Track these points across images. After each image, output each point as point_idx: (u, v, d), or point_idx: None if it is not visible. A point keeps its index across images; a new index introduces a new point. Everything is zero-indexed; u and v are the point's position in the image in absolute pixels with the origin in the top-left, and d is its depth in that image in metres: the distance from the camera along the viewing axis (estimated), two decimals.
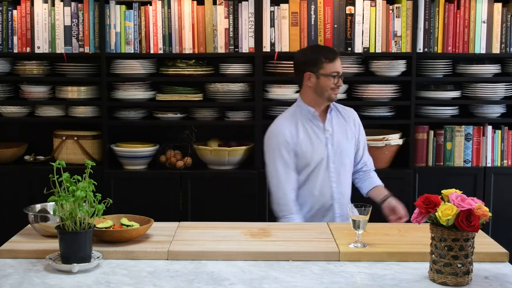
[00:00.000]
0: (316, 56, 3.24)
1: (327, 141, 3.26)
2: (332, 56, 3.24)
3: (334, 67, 3.23)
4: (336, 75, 3.23)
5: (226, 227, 2.81)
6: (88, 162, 2.39)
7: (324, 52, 3.27)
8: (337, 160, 3.26)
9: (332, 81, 3.22)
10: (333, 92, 3.25)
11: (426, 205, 2.18)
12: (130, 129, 4.42)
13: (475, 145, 4.23)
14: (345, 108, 3.42)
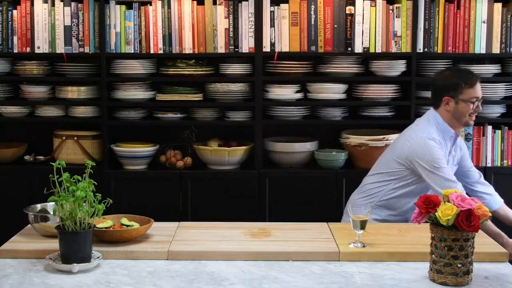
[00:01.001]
0: (456, 80, 3.21)
1: (448, 163, 3.24)
2: (473, 82, 3.21)
3: (474, 92, 3.20)
4: (475, 100, 3.20)
5: (226, 227, 2.81)
6: (88, 162, 2.39)
7: (464, 77, 3.23)
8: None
9: (471, 106, 3.20)
10: (470, 119, 3.23)
11: (426, 205, 2.18)
12: (130, 129, 4.42)
13: (475, 145, 4.23)
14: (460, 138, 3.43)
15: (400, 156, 3.25)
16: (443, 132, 3.24)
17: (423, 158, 3.16)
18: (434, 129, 3.23)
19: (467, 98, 3.19)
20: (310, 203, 4.12)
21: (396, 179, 3.27)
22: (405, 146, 3.25)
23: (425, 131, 3.23)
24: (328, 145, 4.32)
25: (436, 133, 3.22)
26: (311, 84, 4.22)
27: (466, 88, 3.19)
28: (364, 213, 2.52)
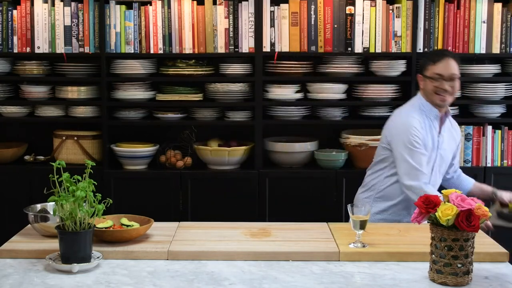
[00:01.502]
0: (425, 58, 3.28)
1: (439, 145, 3.24)
2: (437, 58, 3.22)
3: (437, 69, 3.20)
4: (438, 77, 3.19)
5: (226, 227, 2.81)
6: (88, 162, 2.39)
7: (432, 54, 3.29)
8: (439, 165, 3.26)
9: (434, 83, 3.19)
10: (438, 98, 3.21)
11: (426, 205, 2.18)
12: (130, 129, 4.42)
13: (475, 145, 4.23)
14: (454, 121, 3.44)
15: (385, 140, 3.31)
16: (428, 112, 3.24)
17: (398, 137, 3.20)
18: (416, 110, 3.26)
19: (429, 75, 3.21)
20: (310, 203, 4.12)
21: (386, 166, 3.29)
22: (387, 130, 3.31)
23: (406, 111, 3.28)
24: (328, 145, 4.32)
25: (418, 114, 3.23)
26: (311, 84, 4.23)
27: (430, 65, 3.22)
28: (364, 213, 2.52)
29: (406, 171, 3.16)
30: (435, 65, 3.20)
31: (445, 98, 3.21)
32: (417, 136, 3.17)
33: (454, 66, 3.21)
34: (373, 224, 2.90)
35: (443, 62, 3.20)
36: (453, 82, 3.21)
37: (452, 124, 3.39)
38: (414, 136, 3.17)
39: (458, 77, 3.22)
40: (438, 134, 3.25)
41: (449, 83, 3.19)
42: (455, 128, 3.42)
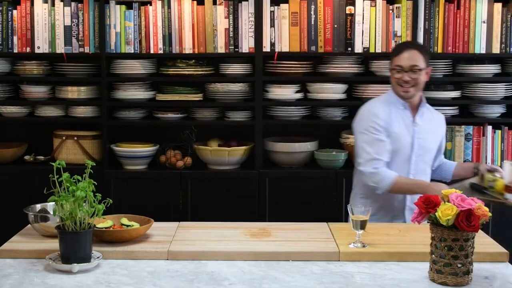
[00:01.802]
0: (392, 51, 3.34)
1: (414, 133, 3.24)
2: (397, 50, 3.25)
3: (397, 60, 3.21)
4: (399, 69, 3.20)
5: (226, 227, 2.82)
6: (88, 162, 2.39)
7: (396, 46, 3.34)
8: (419, 155, 3.25)
9: (395, 75, 3.21)
10: (401, 89, 3.22)
11: (426, 205, 2.18)
12: (130, 129, 4.42)
13: (475, 145, 4.23)
14: (438, 113, 3.44)
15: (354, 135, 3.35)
16: (395, 102, 3.26)
17: (358, 126, 3.27)
18: (381, 101, 3.30)
19: (392, 67, 3.23)
20: (310, 203, 4.12)
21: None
22: (353, 124, 3.35)
23: (370, 103, 3.33)
24: (328, 145, 4.32)
25: (384, 104, 3.27)
26: (311, 84, 4.23)
27: (393, 57, 3.25)
28: (364, 213, 2.52)
29: (361, 156, 3.21)
30: (397, 57, 3.22)
31: (407, 89, 3.21)
32: (375, 122, 3.20)
33: (415, 58, 3.20)
34: (373, 224, 2.90)
35: (404, 54, 3.20)
36: (415, 74, 3.19)
37: (434, 115, 3.38)
38: (372, 122, 3.20)
39: (420, 68, 3.19)
40: (412, 123, 3.25)
41: (410, 74, 3.19)
42: (438, 120, 3.40)
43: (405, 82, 3.19)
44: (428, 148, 3.29)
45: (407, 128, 3.24)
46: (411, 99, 3.25)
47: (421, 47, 3.33)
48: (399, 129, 3.22)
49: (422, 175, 3.26)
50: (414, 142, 3.23)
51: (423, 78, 3.23)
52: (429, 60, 3.32)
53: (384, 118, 3.21)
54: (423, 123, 3.28)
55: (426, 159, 3.29)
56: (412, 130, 3.24)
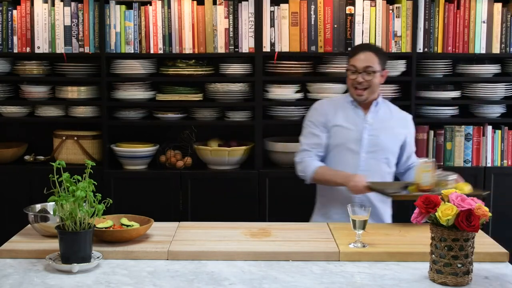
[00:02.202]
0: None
1: (365, 130, 3.24)
2: (353, 52, 3.27)
3: (352, 61, 3.23)
4: (353, 70, 3.21)
5: (226, 227, 2.82)
6: (88, 162, 2.39)
7: (353, 47, 3.37)
8: (370, 152, 3.24)
9: (349, 76, 3.22)
10: (354, 92, 3.23)
11: (426, 205, 2.18)
12: (130, 129, 4.42)
13: (475, 145, 4.23)
14: (402, 113, 3.41)
15: None
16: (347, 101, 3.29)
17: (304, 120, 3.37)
18: (333, 99, 3.41)
19: (347, 68, 3.25)
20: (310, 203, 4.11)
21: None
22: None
23: (321, 100, 3.44)
24: None
25: (331, 101, 3.36)
26: (311, 84, 4.22)
27: (349, 58, 3.27)
28: (364, 213, 2.52)
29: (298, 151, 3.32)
30: (352, 58, 3.24)
31: (361, 93, 3.21)
32: (314, 117, 3.30)
33: (370, 59, 3.20)
34: (373, 224, 2.91)
35: (359, 55, 3.21)
36: (369, 76, 3.19)
37: (395, 115, 3.35)
38: (311, 117, 3.31)
39: (374, 70, 3.19)
40: (363, 120, 3.25)
41: (364, 75, 3.18)
42: (399, 120, 3.35)
43: (359, 83, 3.19)
44: (382, 146, 3.25)
45: (356, 124, 3.24)
46: (365, 101, 3.25)
47: (377, 49, 3.30)
48: (345, 124, 3.24)
49: (376, 172, 3.23)
50: (363, 138, 3.23)
51: (377, 80, 3.21)
52: (386, 62, 3.31)
53: (324, 114, 3.28)
54: (377, 121, 3.26)
55: (379, 157, 3.25)
56: (362, 127, 3.24)
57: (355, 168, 3.21)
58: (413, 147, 3.40)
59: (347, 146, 3.22)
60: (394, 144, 3.30)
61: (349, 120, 3.26)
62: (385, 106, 3.34)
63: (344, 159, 3.23)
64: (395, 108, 3.40)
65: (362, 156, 3.23)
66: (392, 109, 3.38)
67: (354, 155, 3.23)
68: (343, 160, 3.24)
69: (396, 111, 3.39)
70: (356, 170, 3.21)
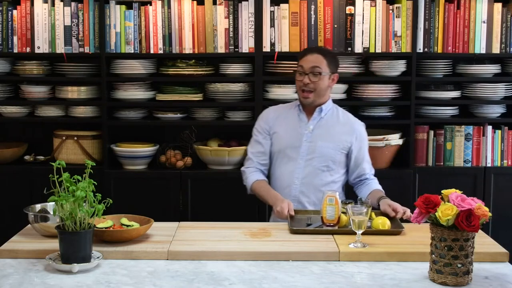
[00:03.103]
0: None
1: (305, 137, 3.22)
2: (302, 52, 3.26)
3: (300, 61, 3.21)
4: (300, 70, 3.19)
5: (226, 227, 2.82)
6: (88, 162, 2.39)
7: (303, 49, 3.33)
8: (309, 159, 3.20)
9: (297, 78, 3.21)
10: (301, 94, 3.21)
11: (426, 205, 2.18)
12: (130, 129, 4.42)
13: (475, 145, 4.23)
14: (350, 119, 3.33)
15: None
16: (294, 106, 3.30)
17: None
18: (282, 105, 3.41)
19: (296, 70, 3.24)
20: None
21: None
22: None
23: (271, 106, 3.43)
24: None
25: (279, 107, 3.37)
26: None
27: (298, 60, 3.25)
28: (364, 213, 2.52)
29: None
30: (300, 59, 3.23)
31: (307, 95, 3.19)
32: (259, 124, 3.34)
33: (318, 61, 3.18)
34: None
35: (307, 56, 3.20)
36: (315, 77, 3.17)
37: (342, 121, 3.29)
38: (257, 124, 3.36)
39: (321, 72, 3.16)
40: (305, 126, 3.23)
41: (310, 76, 3.16)
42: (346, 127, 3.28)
43: (305, 85, 3.17)
44: (320, 154, 3.21)
45: (297, 131, 3.23)
46: (312, 105, 3.23)
47: (327, 52, 3.27)
48: (285, 130, 3.23)
49: (314, 181, 3.20)
50: (302, 145, 3.21)
51: (324, 83, 3.19)
52: (337, 67, 3.29)
53: (268, 120, 3.29)
54: (318, 127, 3.23)
55: (318, 165, 3.21)
56: (302, 133, 3.23)
57: (292, 176, 3.20)
58: (364, 156, 3.29)
59: (286, 153, 3.20)
60: (335, 151, 3.23)
61: (290, 126, 3.24)
62: (333, 112, 3.29)
63: (283, 166, 3.23)
64: (343, 114, 3.33)
65: (299, 163, 3.21)
66: (340, 115, 3.31)
67: (293, 162, 3.21)
68: (283, 167, 3.23)
69: (344, 118, 3.31)
70: (292, 177, 3.20)
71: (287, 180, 3.24)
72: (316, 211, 2.96)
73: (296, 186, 3.23)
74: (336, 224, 2.71)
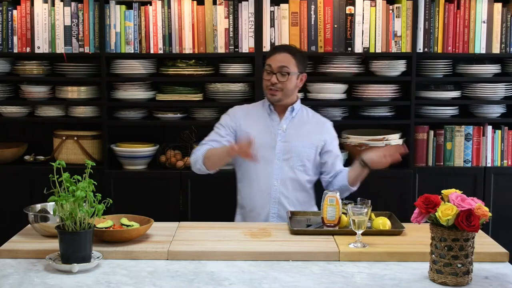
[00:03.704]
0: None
1: (279, 136, 3.21)
2: (270, 51, 3.24)
3: (268, 60, 3.19)
4: (268, 69, 3.17)
5: (226, 227, 2.82)
6: (88, 162, 2.39)
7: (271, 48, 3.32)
8: (285, 159, 3.19)
9: (265, 77, 3.20)
10: (268, 92, 3.20)
11: (426, 205, 2.18)
12: (130, 129, 4.42)
13: (475, 145, 4.23)
14: (320, 119, 3.34)
15: None
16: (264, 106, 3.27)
17: None
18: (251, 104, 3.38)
19: (264, 69, 3.22)
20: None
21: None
22: None
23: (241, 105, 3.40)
24: None
25: (248, 106, 3.34)
26: (311, 84, 4.22)
27: (266, 58, 3.23)
28: (364, 213, 2.51)
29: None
30: (268, 58, 3.21)
31: (274, 92, 3.18)
32: (223, 119, 3.30)
33: (286, 60, 3.16)
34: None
35: (275, 55, 3.18)
36: (283, 77, 3.16)
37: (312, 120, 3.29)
38: (221, 119, 3.31)
39: (289, 72, 3.15)
40: (277, 126, 3.22)
41: (278, 76, 3.15)
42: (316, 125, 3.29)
43: (273, 84, 3.16)
44: (296, 153, 3.20)
45: (270, 131, 3.21)
46: (279, 103, 3.21)
47: (295, 51, 3.24)
48: (258, 131, 3.19)
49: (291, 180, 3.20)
50: (277, 145, 3.20)
51: (292, 83, 3.18)
52: (306, 66, 3.28)
53: (235, 117, 3.26)
54: (291, 128, 3.23)
55: (295, 164, 3.21)
56: (276, 133, 3.21)
57: (271, 177, 3.18)
58: (336, 152, 3.29)
59: (261, 153, 3.12)
60: (310, 150, 3.23)
61: (262, 127, 3.22)
62: (302, 112, 3.29)
63: (259, 168, 3.18)
64: (313, 114, 3.34)
65: (276, 164, 3.19)
66: (310, 114, 3.31)
67: (268, 163, 3.19)
68: (259, 169, 3.19)
69: (314, 116, 3.32)
70: (270, 178, 3.18)
71: (266, 182, 3.21)
72: (315, 212, 2.96)
73: (276, 188, 3.21)
74: (336, 224, 2.71)
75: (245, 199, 3.29)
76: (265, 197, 3.19)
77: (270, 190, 3.21)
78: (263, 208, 3.22)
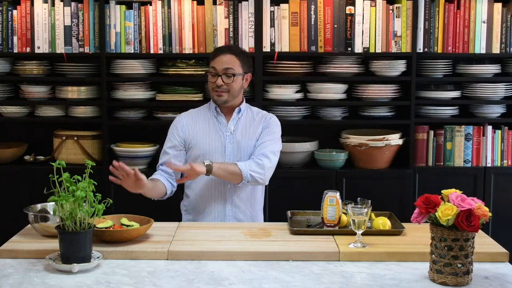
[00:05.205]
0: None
1: (227, 138, 3.18)
2: (213, 53, 3.20)
3: (213, 63, 3.16)
4: (213, 71, 3.16)
5: (226, 227, 2.82)
6: (88, 162, 2.39)
7: (215, 49, 3.26)
8: (236, 160, 3.15)
9: (210, 80, 3.18)
10: (214, 93, 3.18)
11: (426, 205, 2.18)
12: (130, 129, 4.42)
13: (475, 145, 4.23)
14: (264, 115, 3.28)
15: None
16: (210, 110, 3.24)
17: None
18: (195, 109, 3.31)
19: (208, 71, 3.19)
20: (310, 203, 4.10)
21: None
22: None
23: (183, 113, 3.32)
24: (328, 145, 4.32)
25: (193, 113, 3.28)
26: (311, 84, 4.23)
27: (210, 60, 3.19)
28: (364, 213, 2.51)
29: None
30: (212, 60, 3.18)
31: (220, 93, 3.15)
32: (171, 133, 3.24)
33: (230, 62, 3.14)
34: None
35: (219, 57, 3.14)
36: (228, 79, 3.13)
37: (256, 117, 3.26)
38: (169, 133, 3.26)
39: (234, 73, 3.13)
40: (225, 128, 3.19)
41: (223, 78, 3.13)
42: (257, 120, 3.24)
43: (218, 86, 3.14)
44: (246, 152, 3.18)
45: (219, 134, 3.19)
46: (226, 104, 3.19)
47: (239, 51, 3.21)
48: (207, 135, 3.17)
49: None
50: (226, 147, 3.17)
51: (238, 84, 3.16)
52: (250, 66, 3.25)
53: (182, 127, 3.21)
54: (239, 128, 3.20)
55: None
56: (224, 135, 3.19)
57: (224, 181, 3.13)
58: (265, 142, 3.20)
59: (212, 156, 3.11)
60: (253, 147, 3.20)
61: (210, 130, 3.19)
62: (248, 111, 3.26)
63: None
64: (257, 111, 3.30)
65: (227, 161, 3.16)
66: (254, 112, 3.29)
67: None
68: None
69: (258, 114, 3.28)
70: (226, 182, 3.13)
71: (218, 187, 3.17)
72: (314, 212, 2.96)
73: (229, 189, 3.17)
74: (336, 224, 2.71)
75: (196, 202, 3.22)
76: (220, 200, 3.16)
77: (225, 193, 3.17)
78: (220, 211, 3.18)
